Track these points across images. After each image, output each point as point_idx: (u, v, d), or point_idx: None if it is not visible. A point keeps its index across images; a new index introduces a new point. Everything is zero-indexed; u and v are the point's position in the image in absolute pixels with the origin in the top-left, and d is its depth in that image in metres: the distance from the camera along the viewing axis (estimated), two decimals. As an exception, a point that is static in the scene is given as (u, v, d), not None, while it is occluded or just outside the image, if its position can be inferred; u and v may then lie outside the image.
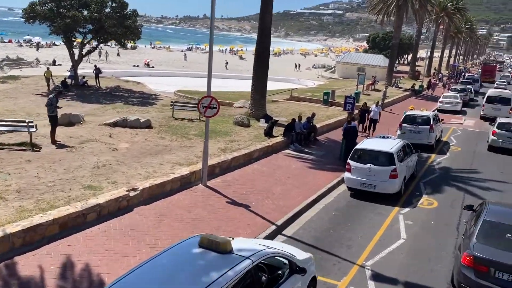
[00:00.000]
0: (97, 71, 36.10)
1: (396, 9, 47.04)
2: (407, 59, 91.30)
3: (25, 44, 78.88)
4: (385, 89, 33.48)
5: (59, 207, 9.43)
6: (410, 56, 77.23)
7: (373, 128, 21.98)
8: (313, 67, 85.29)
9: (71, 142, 15.26)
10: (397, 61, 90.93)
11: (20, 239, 8.19)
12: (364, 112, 22.06)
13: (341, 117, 24.55)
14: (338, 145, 18.00)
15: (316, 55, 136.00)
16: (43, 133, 15.59)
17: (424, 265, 9.42)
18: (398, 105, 35.84)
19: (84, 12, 33.28)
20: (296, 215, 11.62)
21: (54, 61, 53.75)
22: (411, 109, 24.88)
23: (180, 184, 12.18)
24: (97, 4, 32.65)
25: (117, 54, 68.18)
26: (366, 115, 22.10)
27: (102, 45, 41.79)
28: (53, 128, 15.05)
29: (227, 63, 70.47)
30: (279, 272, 6.51)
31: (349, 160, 13.60)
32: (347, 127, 16.99)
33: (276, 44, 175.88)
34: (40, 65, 51.53)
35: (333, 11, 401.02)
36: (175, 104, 21.50)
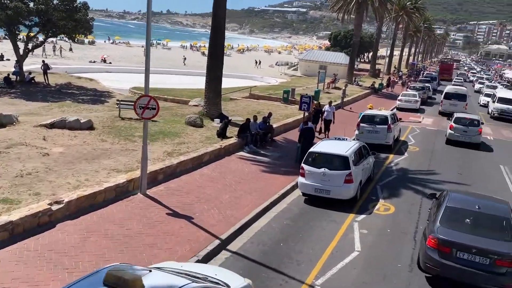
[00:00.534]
0: (45, 67, 33.81)
1: (356, 7, 46.97)
2: (368, 57, 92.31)
3: (-31, 38, 74.16)
4: (345, 87, 33.11)
5: (-39, 226, 8.06)
6: (371, 54, 78.00)
7: (327, 129, 21.07)
8: (276, 64, 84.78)
9: (-3, 146, 13.69)
10: (358, 59, 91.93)
11: None
12: (318, 113, 21.06)
13: (300, 116, 23.72)
14: (296, 146, 17.18)
15: (279, 52, 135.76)
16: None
17: (379, 282, 8.67)
18: (359, 103, 35.61)
19: (30, 3, 31.03)
20: (245, 226, 10.65)
21: (1, 55, 50.46)
22: (370, 108, 24.52)
23: (115, 194, 10.95)
24: (44, -5, 30.47)
25: (70, 49, 65.00)
26: (320, 115, 21.18)
27: (55, 39, 39.36)
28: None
29: (185, 58, 68.58)
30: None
31: (303, 164, 12.76)
32: (304, 128, 16.17)
33: (240, 41, 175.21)
34: (-15, 60, 48.18)
35: (297, 9, 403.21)
36: (121, 102, 20.03)
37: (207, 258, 8.96)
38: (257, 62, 79.21)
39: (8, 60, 48.98)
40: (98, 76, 44.46)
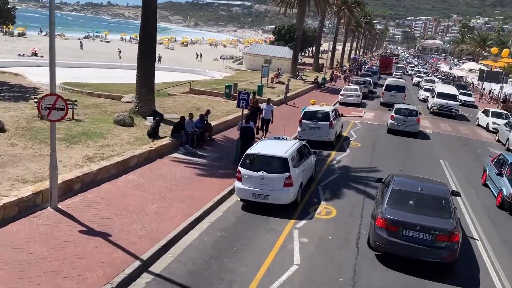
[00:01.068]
0: (-41, 60, 30.44)
1: (298, 0, 46.55)
2: (312, 51, 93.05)
3: None
4: (288, 82, 32.50)
5: None
6: (314, 49, 78.46)
7: (266, 129, 19.85)
8: (221, 58, 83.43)
9: None
10: (302, 54, 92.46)
11: None
12: (255, 111, 19.62)
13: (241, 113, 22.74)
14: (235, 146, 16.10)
15: (225, 46, 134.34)
16: None
17: (319, 300, 7.83)
18: (302, 98, 35.19)
19: None
20: (172, 242, 9.44)
21: None
22: (312, 104, 23.93)
23: (18, 210, 9.34)
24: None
25: (-5, 41, 60.02)
26: (258, 114, 19.80)
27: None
28: None
29: (120, 51, 65.48)
30: None
31: (239, 168, 11.71)
32: (243, 127, 15.12)
33: (185, 34, 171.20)
34: None
35: (242, 2, 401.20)
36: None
37: (124, 284, 7.69)
38: (198, 55, 77.49)
39: None
40: (27, 70, 41.05)
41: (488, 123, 29.28)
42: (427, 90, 40.82)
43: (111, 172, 12.44)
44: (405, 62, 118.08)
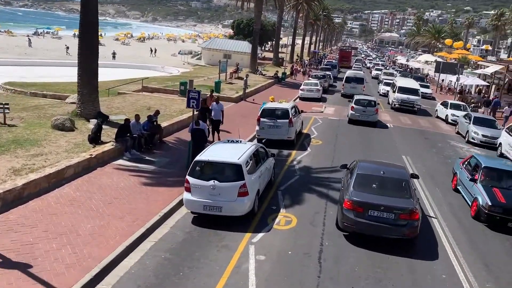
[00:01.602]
0: None
1: (256, -7, 45.43)
2: (271, 45, 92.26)
3: None
4: (246, 77, 31.32)
5: None
6: (274, 43, 77.63)
7: (216, 131, 18.12)
8: (179, 53, 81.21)
9: None
10: (262, 48, 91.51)
11: None
12: (204, 111, 17.82)
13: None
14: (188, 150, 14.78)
15: (183, 41, 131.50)
16: None
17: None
18: (262, 94, 34.19)
19: None
20: (107, 269, 8.11)
21: None
22: (271, 101, 22.94)
23: None
24: None
25: None
26: (207, 114, 18.13)
27: None
28: None
29: (67, 48, 62.32)
30: None
31: (187, 177, 10.44)
32: (194, 130, 13.80)
33: (143, 29, 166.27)
34: None
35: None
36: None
37: (41, 331, 6.34)
38: (152, 51, 75.14)
39: None
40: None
41: (447, 115, 29.28)
42: (387, 84, 39.59)
43: (42, 186, 10.89)
44: (363, 55, 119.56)
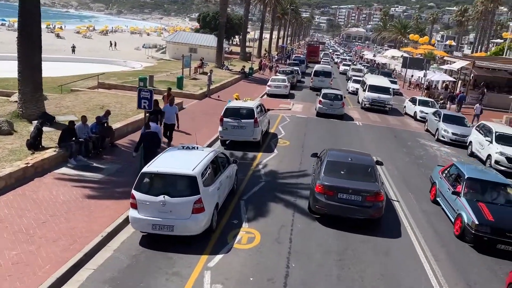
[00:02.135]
0: None
1: (221, -15, 43.85)
2: (239, 39, 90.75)
3: None
4: (210, 73, 29.84)
5: None
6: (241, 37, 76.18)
7: (169, 136, 16.09)
8: (143, 47, 78.57)
9: None
10: (229, 42, 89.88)
11: None
12: (156, 113, 15.00)
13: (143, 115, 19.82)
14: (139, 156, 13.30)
15: (148, 34, 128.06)
16: None
17: None
18: (228, 90, 32.82)
19: None
20: (29, 310, 6.68)
21: None
22: (236, 98, 21.65)
23: None
24: None
25: None
26: (159, 117, 15.50)
27: None
28: None
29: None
30: None
31: (133, 191, 9.04)
32: (145, 133, 12.34)
33: (107, 22, 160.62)
34: None
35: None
36: None
37: None
38: (111, 44, 72.35)
39: None
40: None
41: (415, 112, 28.86)
42: (356, 81, 37.91)
43: (-40, 204, 9.25)
44: (331, 51, 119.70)
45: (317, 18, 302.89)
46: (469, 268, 9.50)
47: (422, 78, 43.18)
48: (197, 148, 10.70)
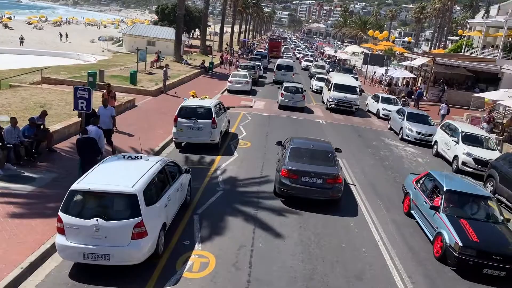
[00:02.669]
0: None
1: (179, -24, 41.81)
2: (200, 33, 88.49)
3: None
4: (166, 68, 28.03)
5: None
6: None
7: (108, 142, 13.78)
8: (99, 39, 75.12)
9: None
10: (190, 35, 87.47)
11: None
12: (90, 117, 12.74)
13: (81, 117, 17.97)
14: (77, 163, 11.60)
15: (105, 26, 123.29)
16: None
17: None
18: (186, 86, 31.15)
19: None
20: None
21: None
22: (193, 96, 20.13)
23: None
24: None
25: None
26: (92, 121, 12.69)
27: None
28: None
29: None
30: None
31: (60, 213, 7.46)
32: (82, 139, 10.67)
33: (66, 13, 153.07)
34: None
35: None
36: None
37: None
38: (62, 35, 68.59)
39: None
40: None
41: (378, 109, 28.31)
42: (320, 79, 36.19)
43: None
44: (292, 46, 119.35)
45: (279, 13, 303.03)
46: (448, 289, 8.58)
47: (383, 75, 43.11)
48: (141, 157, 9.17)
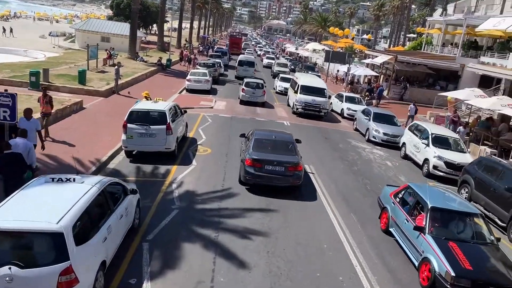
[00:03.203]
0: None
1: (133, -32, 39.45)
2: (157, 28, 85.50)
3: None
4: (117, 66, 25.96)
5: None
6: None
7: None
8: (49, 35, 70.81)
9: None
10: (147, 31, 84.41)
11: None
12: (12, 131, 10.26)
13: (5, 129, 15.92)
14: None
15: (57, 21, 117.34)
16: None
17: None
18: (142, 85, 29.19)
19: None
20: None
21: None
22: (146, 97, 18.36)
23: None
24: None
25: None
26: (13, 135, 10.31)
27: None
28: None
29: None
30: None
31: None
32: (4, 155, 8.82)
33: (18, 8, 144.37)
34: None
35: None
36: None
37: None
38: (5, 30, 64.29)
39: None
40: None
41: (342, 109, 27.52)
42: (285, 80, 33.73)
43: None
44: (253, 43, 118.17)
45: (239, 9, 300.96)
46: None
47: (346, 73, 42.60)
48: (75, 179, 7.50)
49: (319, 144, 19.41)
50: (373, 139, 21.06)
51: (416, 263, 8.90)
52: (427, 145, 17.08)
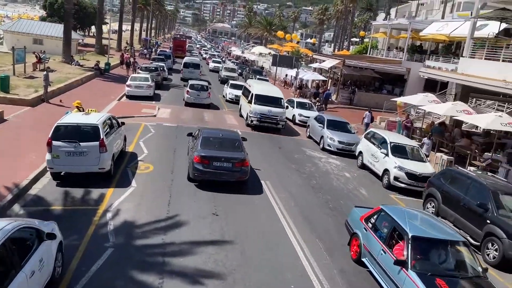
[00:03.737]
0: None
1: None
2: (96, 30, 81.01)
3: None
4: (47, 71, 23.23)
5: None
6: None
7: None
8: (-28, 36, 64.78)
9: None
10: (85, 33, 79.82)
11: None
12: None
13: None
14: None
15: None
16: None
17: None
18: (77, 91, 26.61)
19: None
20: None
21: None
22: (78, 108, 16.06)
23: None
24: None
25: None
26: None
27: None
28: None
29: None
30: None
31: None
32: None
33: None
34: None
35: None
36: None
37: None
38: None
39: None
40: None
41: (294, 115, 26.48)
42: (236, 87, 31.05)
43: None
44: (198, 46, 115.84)
45: (182, 12, 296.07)
46: None
47: (293, 77, 41.87)
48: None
49: (273, 155, 18.07)
50: (328, 147, 20.07)
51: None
52: (386, 154, 16.24)
